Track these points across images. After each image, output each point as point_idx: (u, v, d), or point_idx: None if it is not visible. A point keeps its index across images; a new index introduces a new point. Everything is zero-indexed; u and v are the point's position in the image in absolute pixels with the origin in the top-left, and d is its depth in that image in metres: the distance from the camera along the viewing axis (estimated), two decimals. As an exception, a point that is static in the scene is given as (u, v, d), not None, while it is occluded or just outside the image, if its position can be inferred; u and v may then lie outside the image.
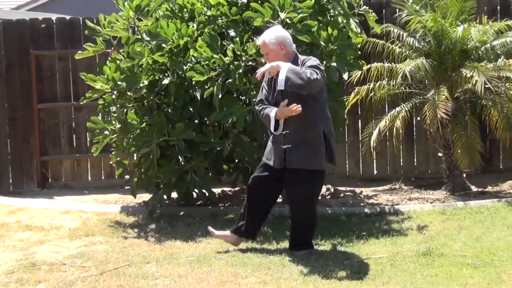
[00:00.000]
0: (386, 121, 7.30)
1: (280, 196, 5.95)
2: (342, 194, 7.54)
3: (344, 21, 6.44)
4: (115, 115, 6.61)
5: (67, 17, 8.88)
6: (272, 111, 5.18)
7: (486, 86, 6.77)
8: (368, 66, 7.34)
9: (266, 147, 5.49)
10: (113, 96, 6.54)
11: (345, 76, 6.48)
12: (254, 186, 5.42)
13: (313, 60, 5.21)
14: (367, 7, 6.84)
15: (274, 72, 5.10)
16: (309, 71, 4.99)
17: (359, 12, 6.75)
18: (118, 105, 6.60)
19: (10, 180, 8.57)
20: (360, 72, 7.29)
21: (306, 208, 5.29)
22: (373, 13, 6.86)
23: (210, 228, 5.58)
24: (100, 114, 6.86)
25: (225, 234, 5.52)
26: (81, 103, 6.96)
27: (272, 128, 5.21)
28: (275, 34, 5.24)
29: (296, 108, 5.00)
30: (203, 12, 6.53)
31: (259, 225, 5.55)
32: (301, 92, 5.03)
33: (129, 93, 6.41)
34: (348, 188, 7.79)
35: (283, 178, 5.30)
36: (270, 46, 5.20)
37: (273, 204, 5.58)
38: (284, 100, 5.12)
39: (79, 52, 6.92)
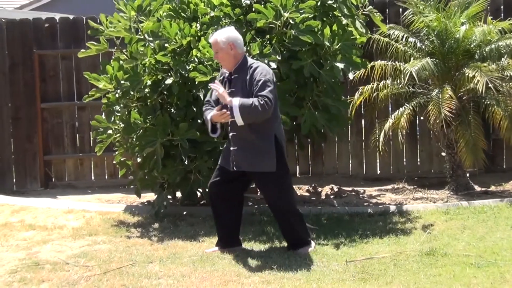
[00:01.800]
0: (390, 122, 7.29)
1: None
2: (345, 194, 7.55)
3: (349, 20, 6.44)
4: (119, 114, 6.61)
5: (71, 17, 8.88)
6: (209, 114, 5.25)
7: (490, 85, 6.76)
8: (372, 63, 7.31)
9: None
10: (117, 96, 6.55)
11: (351, 75, 6.48)
12: (213, 194, 5.40)
13: (261, 72, 5.11)
14: (372, 7, 6.84)
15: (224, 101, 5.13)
16: (258, 103, 4.95)
17: (364, 12, 6.75)
18: (121, 105, 6.60)
19: (14, 180, 8.58)
20: (364, 70, 7.25)
21: (284, 208, 5.27)
22: (378, 13, 6.86)
23: (206, 251, 5.48)
24: (103, 114, 6.86)
25: (217, 250, 5.45)
26: (84, 101, 6.96)
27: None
28: (226, 34, 5.26)
29: (226, 115, 5.06)
30: (206, 13, 6.53)
31: (237, 230, 5.47)
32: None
33: (132, 93, 6.42)
34: (352, 188, 7.79)
35: (239, 178, 5.31)
36: (221, 44, 5.21)
37: (240, 205, 5.46)
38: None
39: (82, 50, 6.93)
